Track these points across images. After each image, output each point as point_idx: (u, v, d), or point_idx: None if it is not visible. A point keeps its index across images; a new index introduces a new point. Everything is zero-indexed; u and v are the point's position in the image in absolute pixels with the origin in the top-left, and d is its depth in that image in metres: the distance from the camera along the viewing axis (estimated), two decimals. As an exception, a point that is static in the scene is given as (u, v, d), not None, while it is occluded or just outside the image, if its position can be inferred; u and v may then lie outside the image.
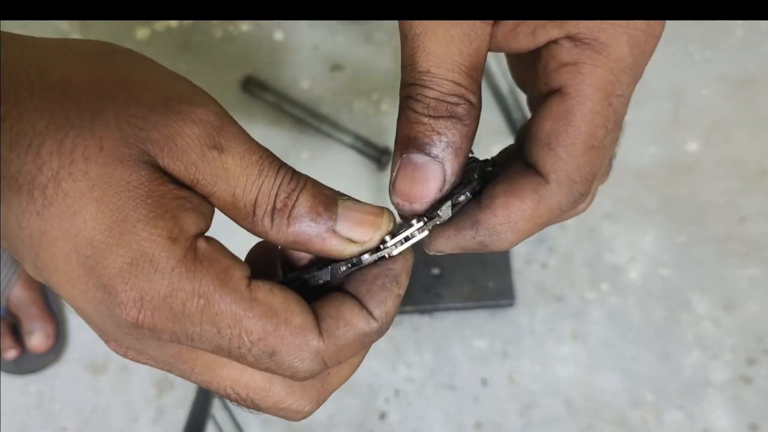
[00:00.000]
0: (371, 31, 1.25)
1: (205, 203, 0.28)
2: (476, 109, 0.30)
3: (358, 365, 0.32)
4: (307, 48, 1.25)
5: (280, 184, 0.29)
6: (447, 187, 0.30)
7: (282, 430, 1.10)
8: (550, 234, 1.15)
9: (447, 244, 0.31)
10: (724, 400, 1.07)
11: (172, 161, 0.27)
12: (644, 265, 1.13)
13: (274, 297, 0.28)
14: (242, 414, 1.08)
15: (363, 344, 0.29)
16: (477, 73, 0.29)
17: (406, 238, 0.30)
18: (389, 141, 1.20)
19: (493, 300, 1.11)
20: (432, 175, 0.30)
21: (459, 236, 0.31)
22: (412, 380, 1.10)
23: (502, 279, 1.11)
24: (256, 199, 0.28)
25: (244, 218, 0.29)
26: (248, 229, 0.29)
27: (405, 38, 0.29)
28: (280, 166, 0.29)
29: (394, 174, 0.30)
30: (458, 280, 1.11)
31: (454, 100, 0.29)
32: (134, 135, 0.27)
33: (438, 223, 0.31)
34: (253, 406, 0.30)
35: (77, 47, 0.29)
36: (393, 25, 1.25)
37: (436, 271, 1.12)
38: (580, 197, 0.29)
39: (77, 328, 1.16)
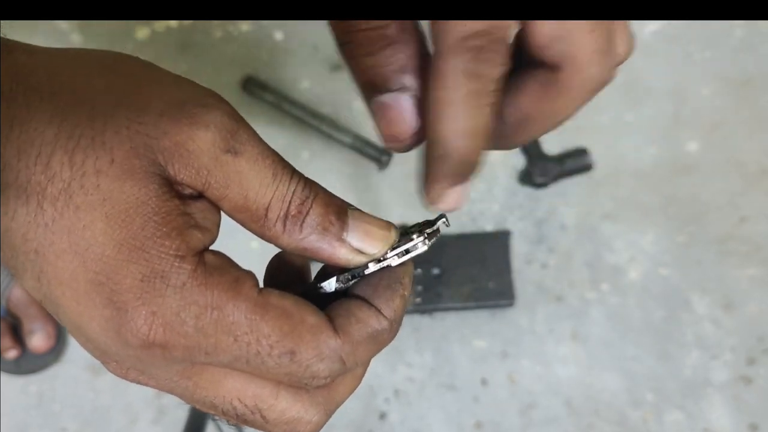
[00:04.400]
0: (371, 31, 1.25)
1: (210, 215, 0.28)
2: (411, 32, 0.30)
3: (362, 376, 0.32)
4: (307, 48, 1.25)
5: (294, 190, 0.29)
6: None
7: None
8: (550, 234, 1.15)
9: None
10: (724, 400, 1.07)
11: (182, 167, 0.27)
12: (644, 265, 1.13)
13: (286, 300, 0.28)
14: (242, 414, 1.08)
15: (377, 343, 0.30)
16: None
17: (407, 251, 0.31)
18: (389, 141, 1.20)
19: (493, 300, 1.11)
20: (405, 105, 0.30)
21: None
22: (412, 380, 1.10)
23: (502, 279, 1.11)
24: (269, 204, 0.28)
25: (255, 221, 0.29)
26: (256, 232, 0.29)
27: None
28: (293, 171, 0.29)
29: (376, 123, 0.31)
30: (458, 280, 1.11)
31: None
32: (144, 145, 0.26)
33: (437, 237, 0.32)
34: (260, 419, 0.30)
35: (87, 55, 0.29)
36: (393, 25, 1.25)
37: (436, 271, 1.12)
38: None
39: (77, 328, 1.16)
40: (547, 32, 0.29)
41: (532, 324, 1.12)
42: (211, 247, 0.28)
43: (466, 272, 1.12)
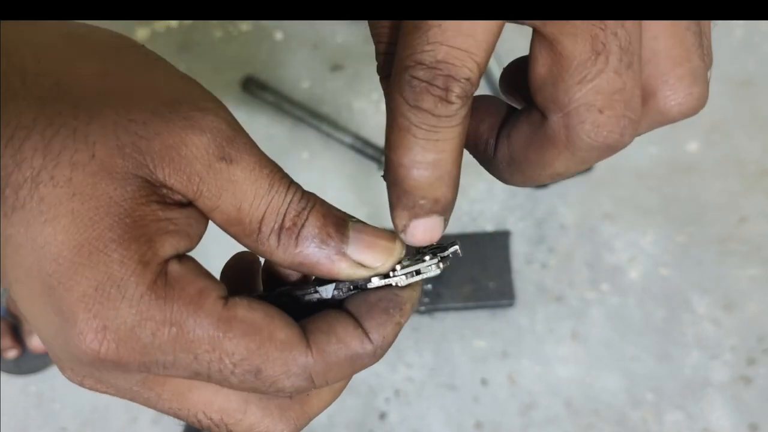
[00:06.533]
0: (371, 31, 1.25)
1: (195, 225, 0.26)
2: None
3: (340, 391, 0.30)
4: (307, 48, 1.25)
5: (290, 201, 0.27)
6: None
7: None
8: (550, 234, 1.15)
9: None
10: (724, 400, 1.07)
11: (173, 172, 0.25)
12: (644, 265, 1.13)
13: (254, 313, 0.26)
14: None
15: (354, 367, 0.28)
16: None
17: (417, 272, 0.29)
18: (389, 141, 1.20)
19: (493, 300, 1.11)
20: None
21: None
22: (412, 380, 1.10)
23: (502, 279, 1.11)
24: (263, 216, 0.27)
25: (248, 235, 0.27)
26: (251, 247, 0.28)
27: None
28: (290, 182, 0.27)
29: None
30: (458, 280, 1.11)
31: None
32: (132, 144, 0.24)
33: (449, 260, 0.30)
34: None
35: (86, 37, 0.27)
36: (393, 25, 1.25)
37: (436, 271, 1.12)
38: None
39: (77, 328, 1.16)
40: (540, 74, 0.26)
41: (532, 324, 1.12)
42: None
43: (466, 272, 1.12)
